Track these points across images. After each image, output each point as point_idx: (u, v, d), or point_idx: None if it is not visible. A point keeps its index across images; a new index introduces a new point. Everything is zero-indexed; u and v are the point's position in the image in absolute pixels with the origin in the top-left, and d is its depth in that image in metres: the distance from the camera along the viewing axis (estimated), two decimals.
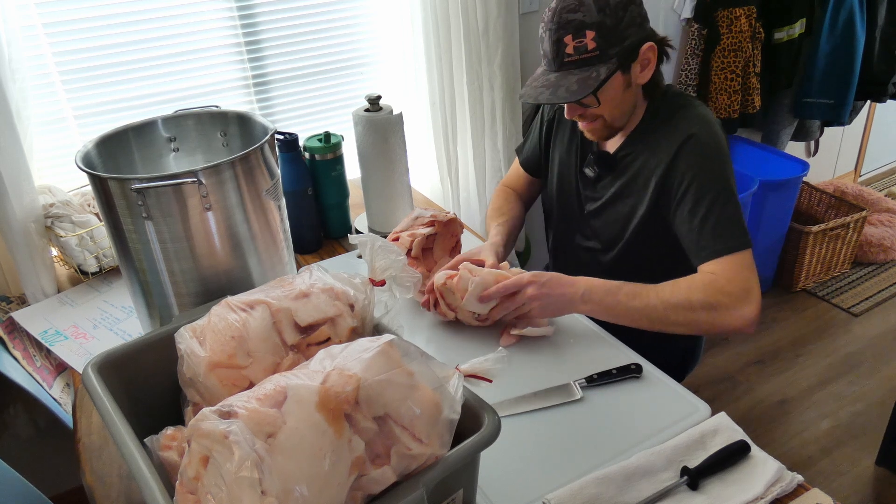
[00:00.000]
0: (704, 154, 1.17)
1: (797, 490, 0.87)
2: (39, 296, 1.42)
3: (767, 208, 2.45)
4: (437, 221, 1.30)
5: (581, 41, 1.11)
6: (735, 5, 2.26)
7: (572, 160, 1.37)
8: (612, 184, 1.29)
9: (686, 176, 1.17)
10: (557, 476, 0.89)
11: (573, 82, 1.13)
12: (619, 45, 1.13)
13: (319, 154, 1.46)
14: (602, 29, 1.11)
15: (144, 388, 0.84)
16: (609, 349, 1.13)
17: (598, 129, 1.24)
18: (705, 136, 1.17)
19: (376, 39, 1.89)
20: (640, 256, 1.30)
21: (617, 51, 1.13)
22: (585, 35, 1.11)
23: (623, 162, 1.27)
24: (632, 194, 1.26)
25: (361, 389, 0.65)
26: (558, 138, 1.41)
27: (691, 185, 1.16)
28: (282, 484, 0.59)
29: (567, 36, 1.12)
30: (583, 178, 1.35)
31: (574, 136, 1.37)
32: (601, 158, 1.30)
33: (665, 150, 1.20)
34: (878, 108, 3.24)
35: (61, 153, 1.60)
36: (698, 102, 1.25)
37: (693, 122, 1.19)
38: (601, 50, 1.12)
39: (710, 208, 1.15)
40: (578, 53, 1.12)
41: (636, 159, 1.25)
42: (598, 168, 1.30)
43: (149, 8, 1.59)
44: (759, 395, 2.24)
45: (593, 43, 1.11)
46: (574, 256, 1.43)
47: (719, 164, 1.17)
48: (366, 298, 0.87)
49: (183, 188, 0.96)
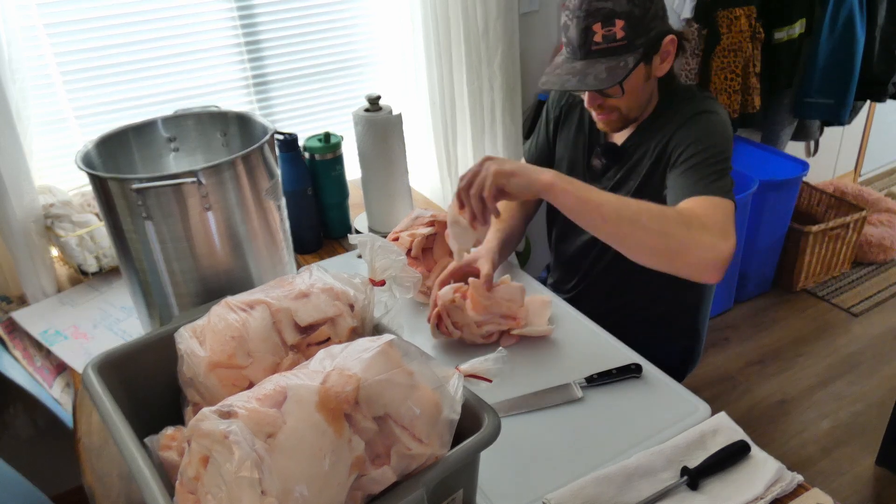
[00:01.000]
0: (709, 128, 1.16)
1: (797, 490, 0.87)
2: (39, 296, 1.42)
3: (767, 208, 2.45)
4: (436, 222, 1.30)
5: (610, 30, 1.11)
6: (735, 5, 2.26)
7: (579, 154, 1.37)
8: (616, 174, 1.29)
9: (681, 141, 1.16)
10: (557, 476, 0.89)
11: (602, 70, 1.12)
12: (646, 36, 1.13)
13: (319, 154, 1.46)
14: (631, 18, 1.10)
15: (144, 388, 0.84)
16: (609, 349, 1.13)
17: (613, 121, 1.24)
18: (713, 115, 1.18)
19: (376, 39, 1.89)
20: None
21: (643, 41, 1.13)
22: (615, 24, 1.10)
23: (630, 152, 1.27)
24: (635, 178, 1.26)
25: (361, 389, 0.65)
26: (564, 136, 1.40)
27: (687, 148, 1.14)
28: (282, 484, 0.59)
29: (596, 24, 1.11)
30: (590, 171, 1.34)
31: (581, 131, 1.36)
32: (608, 150, 1.30)
33: (669, 128, 1.19)
34: (878, 108, 3.24)
35: (61, 153, 1.60)
36: (709, 93, 1.26)
37: (701, 105, 1.20)
38: (629, 40, 1.12)
39: (701, 162, 1.12)
40: (607, 42, 1.11)
41: (640, 147, 1.25)
42: (606, 159, 1.30)
43: (149, 8, 1.59)
44: (759, 395, 2.23)
45: (622, 32, 1.11)
46: (576, 251, 1.41)
47: (719, 136, 1.15)
48: (366, 298, 0.87)
49: (183, 188, 0.96)
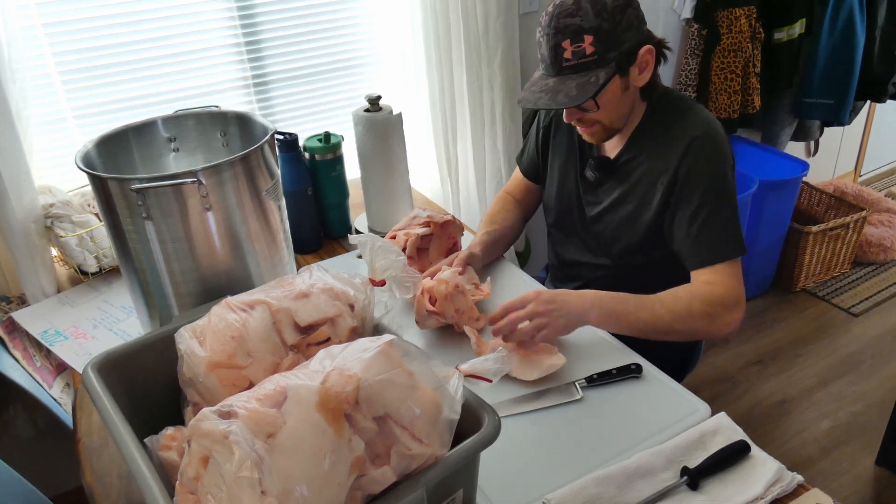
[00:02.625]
0: (708, 158, 1.17)
1: (797, 490, 0.87)
2: (39, 296, 1.42)
3: (767, 208, 2.45)
4: (432, 222, 1.30)
5: (579, 46, 1.10)
6: (735, 5, 2.26)
7: (572, 165, 1.36)
8: (614, 189, 1.29)
9: (689, 179, 1.17)
10: (557, 476, 0.89)
11: (572, 87, 1.12)
12: (618, 49, 1.12)
13: (319, 154, 1.46)
14: (600, 33, 1.09)
15: (144, 388, 0.84)
16: (609, 349, 1.13)
17: (596, 133, 1.24)
18: (709, 139, 1.17)
19: (376, 39, 1.89)
20: (639, 263, 1.30)
21: (615, 55, 1.12)
22: (584, 40, 1.09)
23: (626, 167, 1.27)
24: (635, 199, 1.25)
25: (361, 389, 0.65)
26: (556, 143, 1.40)
27: (693, 188, 1.16)
28: (282, 484, 0.59)
29: (565, 41, 1.10)
30: (584, 182, 1.34)
31: (573, 141, 1.35)
32: (601, 164, 1.29)
33: (669, 154, 1.19)
34: (877, 108, 3.24)
35: (61, 153, 1.60)
36: (701, 106, 1.24)
37: (697, 126, 1.19)
38: (599, 54, 1.11)
39: (710, 214, 1.15)
40: (577, 58, 1.11)
41: (640, 165, 1.24)
42: (599, 173, 1.30)
43: (149, 8, 1.59)
44: (759, 395, 2.23)
45: (591, 48, 1.10)
46: (574, 261, 1.43)
47: (721, 167, 1.17)
48: (366, 298, 0.87)
49: (183, 188, 0.96)
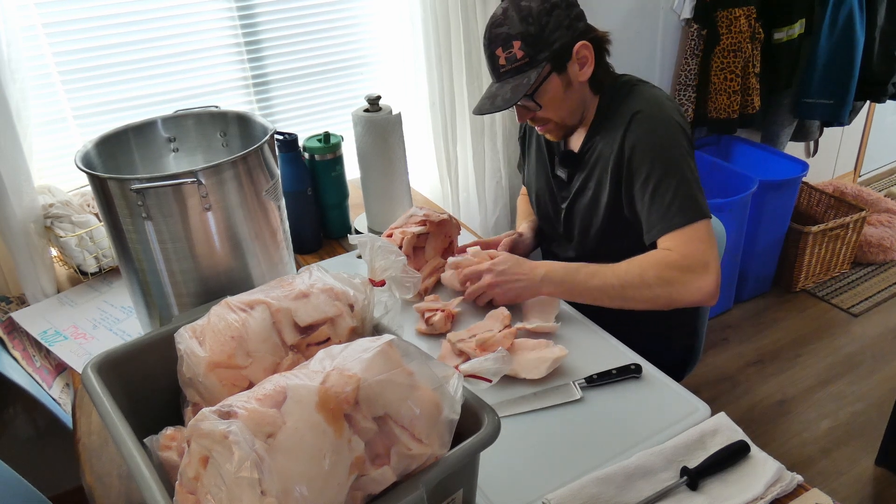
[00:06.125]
0: (650, 128, 1.18)
1: (797, 490, 0.87)
2: (39, 296, 1.42)
3: (767, 208, 2.45)
4: (429, 221, 1.30)
5: (510, 51, 1.17)
6: (735, 5, 2.26)
7: (542, 165, 1.41)
8: (579, 180, 1.32)
9: (634, 153, 1.19)
10: (557, 476, 0.89)
11: (508, 90, 1.18)
12: (548, 50, 1.17)
13: (319, 154, 1.46)
14: (527, 37, 1.15)
15: (144, 388, 0.84)
16: (609, 349, 1.13)
17: (552, 130, 1.29)
18: (650, 111, 1.19)
19: (376, 39, 1.89)
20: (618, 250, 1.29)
21: (546, 55, 1.17)
22: (513, 45, 1.16)
23: (586, 157, 1.30)
24: (593, 184, 1.28)
25: (361, 389, 0.65)
26: (530, 147, 1.46)
27: (640, 161, 1.18)
28: (281, 484, 0.59)
29: (498, 48, 1.18)
30: (556, 180, 1.38)
31: (541, 142, 1.41)
32: (566, 157, 1.33)
33: (615, 133, 1.22)
34: (877, 109, 3.24)
35: (61, 153, 1.60)
36: (649, 86, 1.26)
37: (640, 102, 1.21)
38: (530, 56, 1.17)
39: (659, 183, 1.16)
40: (510, 63, 1.18)
41: (595, 150, 1.28)
42: (566, 167, 1.34)
43: (149, 8, 1.59)
44: (759, 395, 2.23)
45: (521, 52, 1.16)
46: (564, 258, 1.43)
47: (667, 138, 1.18)
48: (366, 298, 0.87)
49: (183, 188, 0.96)
